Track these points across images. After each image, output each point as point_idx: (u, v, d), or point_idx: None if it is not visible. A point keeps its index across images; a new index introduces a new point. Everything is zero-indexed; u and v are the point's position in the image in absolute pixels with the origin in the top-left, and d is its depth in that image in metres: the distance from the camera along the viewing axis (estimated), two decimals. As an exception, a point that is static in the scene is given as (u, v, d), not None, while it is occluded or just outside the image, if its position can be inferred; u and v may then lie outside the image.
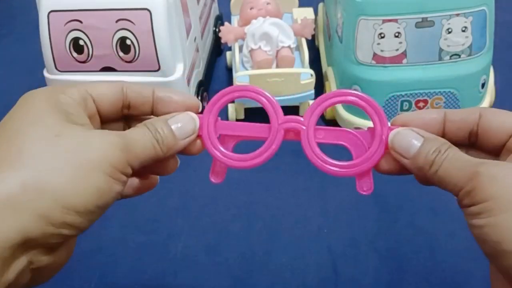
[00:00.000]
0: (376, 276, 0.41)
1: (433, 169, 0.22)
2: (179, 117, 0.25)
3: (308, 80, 0.53)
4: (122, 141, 0.22)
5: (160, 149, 0.24)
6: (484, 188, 0.20)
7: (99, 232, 0.45)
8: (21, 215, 0.19)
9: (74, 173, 0.20)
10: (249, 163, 0.25)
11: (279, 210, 0.47)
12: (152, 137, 0.23)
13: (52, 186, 0.20)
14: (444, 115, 0.24)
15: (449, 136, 0.24)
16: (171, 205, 0.48)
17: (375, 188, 0.26)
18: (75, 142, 0.21)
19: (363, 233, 0.44)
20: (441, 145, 0.22)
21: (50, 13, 0.48)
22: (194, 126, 0.25)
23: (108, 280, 0.42)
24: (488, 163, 0.21)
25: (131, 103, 0.25)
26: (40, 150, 0.20)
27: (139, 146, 0.23)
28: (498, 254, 0.20)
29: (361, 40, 0.49)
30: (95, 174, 0.21)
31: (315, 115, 0.25)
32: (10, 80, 0.66)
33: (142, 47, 0.48)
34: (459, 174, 0.21)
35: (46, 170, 0.20)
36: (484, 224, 0.20)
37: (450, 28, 0.48)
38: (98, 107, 0.25)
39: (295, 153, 0.53)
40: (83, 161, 0.21)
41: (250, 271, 0.42)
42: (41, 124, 0.21)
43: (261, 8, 0.58)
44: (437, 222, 0.45)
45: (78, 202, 0.20)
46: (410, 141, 0.23)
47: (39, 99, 0.22)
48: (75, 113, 0.23)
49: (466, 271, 0.41)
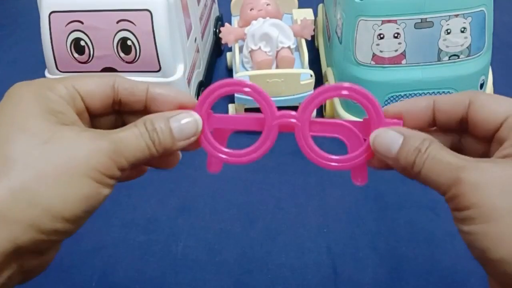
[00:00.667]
0: (376, 275, 0.41)
1: (415, 170, 0.22)
2: (181, 116, 0.24)
3: (307, 80, 0.53)
4: (111, 147, 0.21)
5: (156, 150, 0.23)
6: (466, 196, 0.20)
7: (100, 232, 0.46)
8: (11, 225, 0.19)
9: (62, 181, 0.20)
10: (244, 159, 0.25)
11: (279, 210, 0.47)
12: (148, 138, 0.23)
13: (41, 195, 0.20)
14: (433, 103, 0.24)
15: (440, 123, 0.24)
16: (171, 205, 0.48)
17: (375, 188, 0.26)
18: (63, 149, 0.21)
19: (363, 233, 0.44)
20: (420, 143, 0.22)
21: (51, 14, 0.48)
22: (197, 128, 0.24)
23: (108, 279, 0.42)
24: (470, 167, 0.20)
25: (122, 100, 0.24)
26: (28, 158, 0.20)
27: (131, 150, 0.22)
28: (485, 261, 0.20)
29: (361, 40, 0.49)
30: (83, 182, 0.20)
31: (309, 110, 0.25)
32: (11, 80, 0.65)
33: (142, 48, 0.48)
34: (442, 178, 0.21)
35: (35, 179, 0.20)
36: (469, 231, 0.20)
37: (449, 29, 0.48)
38: (86, 104, 0.24)
39: (295, 153, 0.53)
40: (71, 169, 0.20)
41: (250, 271, 0.42)
42: (29, 131, 0.21)
43: (261, 9, 0.58)
44: (437, 222, 0.45)
45: (67, 210, 0.20)
46: (390, 141, 0.23)
47: (27, 99, 0.22)
48: (64, 111, 0.22)
49: (466, 271, 0.41)
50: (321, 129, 0.25)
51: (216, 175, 0.51)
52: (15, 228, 0.19)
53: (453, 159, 0.21)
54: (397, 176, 0.52)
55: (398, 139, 0.22)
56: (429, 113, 0.24)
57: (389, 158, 0.23)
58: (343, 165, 0.25)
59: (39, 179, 0.20)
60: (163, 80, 0.49)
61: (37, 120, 0.21)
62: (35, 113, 0.21)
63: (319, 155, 0.25)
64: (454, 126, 0.24)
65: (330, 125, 0.25)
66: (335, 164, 0.25)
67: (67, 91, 0.23)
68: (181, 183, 0.50)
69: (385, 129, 0.23)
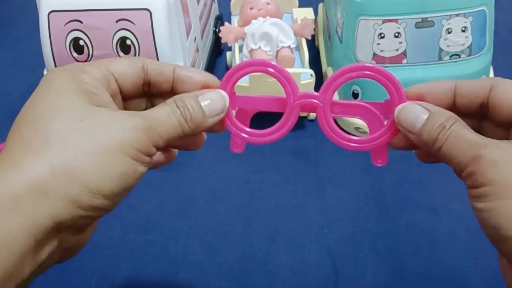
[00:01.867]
0: (376, 276, 0.41)
1: (436, 146, 0.22)
2: (209, 94, 0.25)
3: (308, 80, 0.53)
4: (146, 123, 0.22)
5: (188, 127, 0.24)
6: (484, 173, 0.20)
7: (100, 232, 0.45)
8: (52, 201, 0.20)
9: (99, 158, 0.21)
10: (266, 139, 0.26)
11: (279, 210, 0.47)
12: (180, 115, 0.23)
13: (80, 171, 0.20)
14: (455, 87, 0.24)
15: (460, 108, 0.24)
16: (171, 205, 0.48)
17: (375, 188, 0.26)
18: (99, 126, 0.21)
19: (363, 233, 0.44)
20: (445, 120, 0.22)
21: (50, 13, 0.48)
22: (224, 104, 0.25)
23: (108, 279, 0.42)
24: (491, 146, 0.20)
25: (151, 81, 0.25)
26: (65, 136, 0.21)
27: (164, 126, 0.23)
28: (497, 239, 0.20)
29: (361, 40, 0.49)
30: (120, 159, 0.21)
31: (331, 91, 0.25)
32: (10, 79, 0.66)
33: (142, 47, 0.48)
34: (461, 155, 0.21)
35: (73, 156, 0.20)
36: (483, 208, 0.20)
37: (450, 28, 0.48)
38: (119, 85, 0.25)
39: (295, 153, 0.53)
40: (107, 146, 0.21)
41: (250, 271, 0.42)
42: (65, 109, 0.21)
43: (261, 8, 0.58)
44: (437, 222, 0.45)
45: (105, 186, 0.21)
46: (415, 115, 0.23)
47: (61, 81, 0.22)
48: (98, 93, 0.23)
49: (466, 271, 0.41)
50: (342, 110, 0.25)
51: (216, 175, 0.51)
52: (56, 204, 0.20)
53: (475, 137, 0.21)
54: (398, 176, 0.52)
55: (423, 114, 0.23)
56: (449, 96, 0.24)
57: (413, 132, 0.23)
58: (363, 146, 0.25)
59: (77, 156, 0.20)
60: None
61: (72, 99, 0.22)
62: (70, 93, 0.22)
63: (340, 136, 0.25)
64: (474, 111, 0.24)
65: (351, 106, 0.26)
66: (355, 144, 0.25)
67: (101, 73, 0.24)
68: (181, 183, 0.50)
69: (411, 103, 0.24)
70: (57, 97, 0.22)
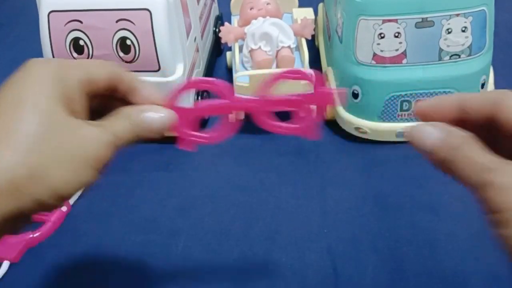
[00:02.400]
0: (376, 276, 0.41)
1: (447, 166, 0.22)
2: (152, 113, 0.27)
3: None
4: (111, 138, 0.25)
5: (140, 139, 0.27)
6: (495, 200, 0.20)
7: (99, 231, 0.45)
8: (20, 199, 0.22)
9: (70, 168, 0.23)
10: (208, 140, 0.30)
11: (279, 210, 0.47)
12: (137, 130, 0.26)
13: (52, 177, 0.22)
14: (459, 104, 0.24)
15: (468, 122, 0.24)
16: (171, 205, 0.48)
17: (375, 188, 0.26)
18: (73, 136, 0.23)
19: (363, 233, 0.44)
20: (456, 141, 0.22)
21: (50, 13, 0.48)
22: (166, 123, 0.28)
23: (108, 279, 0.42)
24: (501, 170, 0.20)
25: (115, 87, 0.27)
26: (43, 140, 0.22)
27: (124, 141, 0.26)
28: None
29: (361, 40, 0.49)
30: (88, 170, 0.24)
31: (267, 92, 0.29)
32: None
33: (142, 47, 0.48)
34: (472, 179, 0.21)
35: (49, 161, 0.22)
36: (498, 233, 0.20)
37: (450, 28, 0.48)
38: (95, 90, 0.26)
39: (295, 153, 0.53)
40: (79, 158, 0.23)
41: (250, 271, 0.42)
42: (43, 113, 0.23)
43: (261, 8, 0.58)
44: (437, 222, 0.45)
45: (68, 192, 0.23)
46: (426, 136, 0.23)
47: (43, 77, 0.24)
48: (76, 98, 0.24)
49: (466, 271, 0.41)
50: (276, 104, 0.30)
51: (216, 175, 0.51)
52: (25, 200, 0.22)
53: (485, 160, 0.21)
54: (398, 176, 0.52)
55: (434, 134, 0.23)
56: (456, 111, 0.24)
57: (423, 150, 0.23)
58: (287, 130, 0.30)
59: (51, 162, 0.22)
60: (162, 79, 0.49)
61: (51, 103, 0.23)
62: (50, 95, 0.23)
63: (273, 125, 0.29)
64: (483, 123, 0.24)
65: (283, 100, 0.30)
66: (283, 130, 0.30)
67: (84, 76, 0.25)
68: (180, 183, 0.50)
69: (423, 124, 0.24)
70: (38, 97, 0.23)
